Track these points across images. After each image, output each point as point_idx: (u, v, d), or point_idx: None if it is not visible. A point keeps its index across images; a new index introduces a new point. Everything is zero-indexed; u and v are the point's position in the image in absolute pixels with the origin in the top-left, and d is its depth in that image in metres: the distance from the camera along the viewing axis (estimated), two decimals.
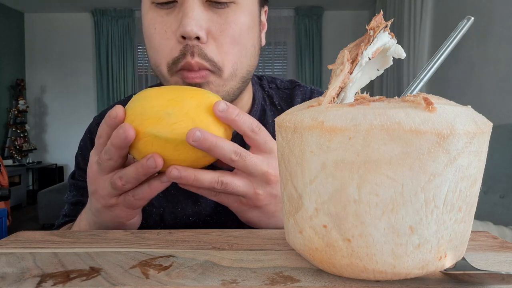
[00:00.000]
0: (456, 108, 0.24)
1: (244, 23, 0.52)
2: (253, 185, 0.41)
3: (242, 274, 0.27)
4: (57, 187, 3.81)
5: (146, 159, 0.36)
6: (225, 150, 0.37)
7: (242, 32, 0.52)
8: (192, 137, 0.35)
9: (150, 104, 0.36)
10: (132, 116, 0.36)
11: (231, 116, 0.38)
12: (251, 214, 0.44)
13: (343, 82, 0.28)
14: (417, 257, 0.23)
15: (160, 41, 0.51)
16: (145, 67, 5.29)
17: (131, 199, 0.41)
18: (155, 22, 0.51)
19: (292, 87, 0.70)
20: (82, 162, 0.65)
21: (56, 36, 5.23)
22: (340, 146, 0.23)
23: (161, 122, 0.36)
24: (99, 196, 0.42)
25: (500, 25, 2.34)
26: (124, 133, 0.35)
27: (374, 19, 0.29)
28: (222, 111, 0.37)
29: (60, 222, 0.64)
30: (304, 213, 0.25)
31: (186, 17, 0.48)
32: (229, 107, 0.37)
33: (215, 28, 0.50)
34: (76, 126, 5.16)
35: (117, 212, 0.43)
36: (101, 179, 0.41)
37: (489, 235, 0.38)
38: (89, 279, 0.26)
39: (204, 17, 0.49)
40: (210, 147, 0.36)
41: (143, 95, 0.38)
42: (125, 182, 0.39)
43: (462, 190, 0.23)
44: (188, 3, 0.48)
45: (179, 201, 0.59)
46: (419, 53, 3.21)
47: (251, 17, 0.53)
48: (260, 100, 0.66)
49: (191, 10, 0.48)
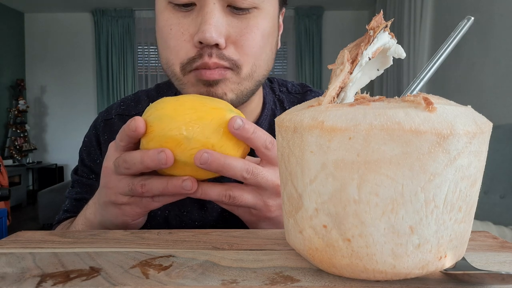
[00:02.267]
0: (456, 108, 0.24)
1: (265, 28, 0.50)
2: (263, 198, 0.41)
3: (242, 274, 0.27)
4: (57, 187, 3.81)
5: (182, 180, 0.37)
6: (236, 169, 0.37)
7: (262, 38, 0.50)
8: (200, 160, 0.35)
9: (169, 126, 0.36)
10: (152, 135, 0.36)
11: (247, 134, 0.37)
12: (262, 224, 0.44)
13: (343, 82, 0.28)
14: (417, 257, 0.23)
15: (176, 42, 0.49)
16: (145, 67, 5.29)
17: (149, 202, 0.41)
18: (171, 23, 0.49)
19: (304, 91, 0.69)
20: (87, 158, 0.64)
21: (56, 36, 5.23)
22: (340, 146, 0.23)
23: (181, 146, 0.36)
24: (111, 192, 0.42)
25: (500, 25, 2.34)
26: (162, 161, 0.35)
27: (374, 19, 0.29)
28: (237, 128, 0.36)
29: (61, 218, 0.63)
30: (304, 213, 0.25)
31: (205, 23, 0.46)
32: (245, 124, 0.37)
33: (235, 33, 0.49)
34: (76, 126, 5.16)
35: (126, 210, 0.42)
36: (116, 177, 0.41)
37: (489, 235, 0.38)
38: (89, 279, 0.26)
39: (224, 22, 0.48)
40: (218, 168, 0.36)
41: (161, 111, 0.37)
42: (147, 191, 0.39)
43: (462, 190, 0.23)
44: (208, 7, 0.47)
45: (185, 204, 0.59)
46: (419, 53, 3.21)
47: (271, 22, 0.52)
48: (271, 104, 0.65)
49: (211, 17, 0.46)
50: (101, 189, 0.44)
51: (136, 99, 0.67)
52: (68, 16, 5.22)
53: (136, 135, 0.37)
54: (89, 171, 0.64)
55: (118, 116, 0.64)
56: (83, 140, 0.67)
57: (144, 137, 0.37)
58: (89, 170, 0.64)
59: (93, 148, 0.64)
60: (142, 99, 0.66)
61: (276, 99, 0.67)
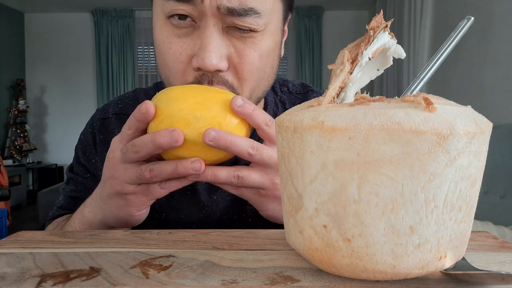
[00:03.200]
0: (456, 108, 0.24)
1: (265, 49, 0.49)
2: (270, 176, 0.42)
3: (242, 274, 0.27)
4: (57, 187, 3.80)
5: (191, 161, 0.38)
6: (242, 146, 0.39)
7: (261, 58, 0.49)
8: (208, 137, 0.37)
9: (179, 107, 0.38)
10: (161, 117, 0.38)
11: (248, 111, 0.39)
12: (271, 206, 0.44)
13: (343, 82, 0.28)
14: (417, 257, 0.23)
15: (173, 64, 0.49)
16: (145, 67, 5.29)
17: (156, 189, 0.42)
18: (170, 41, 0.48)
19: (305, 92, 0.68)
20: (82, 157, 0.64)
21: (56, 36, 5.23)
22: (340, 146, 0.23)
23: (190, 126, 0.37)
24: (116, 182, 0.42)
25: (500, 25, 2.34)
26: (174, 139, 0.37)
27: (374, 19, 0.29)
28: (239, 106, 0.39)
29: (55, 214, 0.63)
30: (304, 213, 0.25)
31: (205, 50, 0.45)
32: (246, 102, 0.39)
33: (234, 55, 0.48)
34: (76, 126, 5.16)
35: (132, 200, 0.42)
36: (122, 166, 0.41)
37: (489, 235, 0.38)
38: (89, 279, 0.26)
39: (224, 44, 0.46)
40: (226, 145, 0.38)
41: (169, 95, 0.39)
42: (155, 176, 0.40)
43: (462, 190, 0.23)
44: (208, 30, 0.45)
45: (183, 208, 0.58)
46: (419, 53, 3.21)
47: (273, 40, 0.51)
48: (272, 105, 0.65)
49: (211, 41, 0.45)
50: (104, 182, 0.44)
51: (135, 97, 0.66)
52: (68, 16, 5.22)
53: (146, 118, 0.38)
54: (84, 170, 0.64)
55: (115, 116, 0.64)
56: (79, 137, 0.66)
57: (152, 121, 0.39)
58: (84, 169, 0.64)
59: (89, 146, 0.64)
60: (141, 98, 0.66)
61: (278, 100, 0.66)
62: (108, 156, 0.43)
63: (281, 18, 0.52)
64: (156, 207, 0.59)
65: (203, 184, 0.59)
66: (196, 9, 0.45)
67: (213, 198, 0.59)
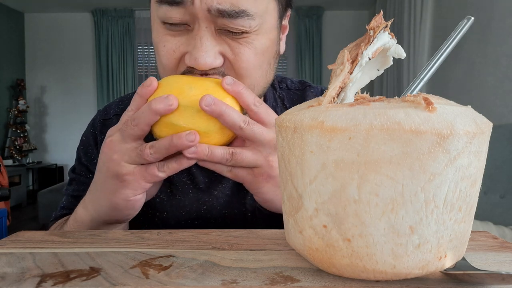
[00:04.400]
0: (456, 108, 0.24)
1: (259, 47, 0.49)
2: (263, 154, 0.43)
3: (242, 274, 0.27)
4: (57, 187, 3.80)
5: (186, 133, 0.40)
6: (235, 117, 0.40)
7: (257, 56, 0.49)
8: (204, 102, 0.39)
9: (175, 80, 0.43)
10: (159, 89, 0.42)
11: (237, 88, 0.41)
12: (266, 188, 0.45)
13: (343, 82, 0.28)
14: (417, 257, 0.23)
15: (167, 61, 0.49)
16: (145, 67, 5.29)
17: (154, 170, 0.42)
18: (165, 40, 0.49)
19: (303, 88, 0.69)
20: (84, 157, 0.64)
21: (56, 36, 5.23)
22: (340, 146, 0.23)
23: (183, 93, 0.41)
24: (114, 163, 0.42)
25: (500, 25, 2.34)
26: (169, 102, 0.39)
27: (374, 19, 0.29)
28: (229, 84, 0.41)
29: (58, 214, 0.63)
30: (304, 213, 0.25)
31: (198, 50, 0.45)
32: (235, 81, 0.42)
33: (228, 53, 0.48)
34: (76, 126, 5.16)
35: (128, 181, 0.42)
36: (120, 146, 0.42)
37: (489, 235, 0.38)
38: (89, 279, 0.26)
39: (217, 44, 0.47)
40: (220, 113, 0.39)
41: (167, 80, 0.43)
42: (154, 152, 0.40)
43: (462, 190, 0.23)
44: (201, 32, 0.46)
45: (184, 205, 0.59)
46: (419, 53, 3.21)
47: (268, 38, 0.50)
48: (271, 101, 0.65)
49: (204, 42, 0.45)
50: (100, 168, 0.44)
51: None
52: (68, 16, 5.22)
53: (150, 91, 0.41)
54: (86, 170, 0.64)
55: (116, 117, 0.64)
56: (80, 138, 0.67)
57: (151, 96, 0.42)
58: (86, 169, 0.64)
59: (91, 147, 0.64)
60: None
61: (277, 96, 0.67)
62: (105, 141, 0.44)
63: (277, 16, 0.52)
64: (157, 205, 0.59)
65: (204, 181, 0.59)
66: (188, 13, 0.45)
67: (213, 193, 0.59)
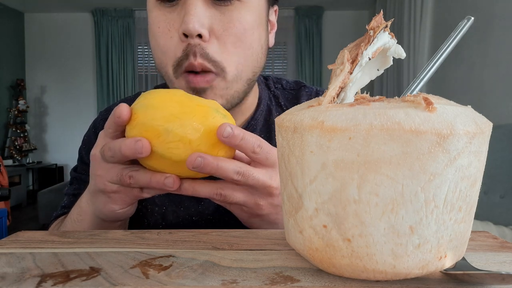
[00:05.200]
0: (456, 108, 0.24)
1: (248, 21, 0.51)
2: (255, 197, 0.41)
3: (242, 274, 0.27)
4: (57, 187, 3.81)
5: (165, 177, 0.37)
6: (228, 171, 0.37)
7: (246, 31, 0.51)
8: (193, 164, 0.35)
9: (153, 116, 0.35)
10: (134, 122, 0.36)
11: (236, 141, 0.37)
12: (253, 220, 0.44)
13: (343, 82, 0.28)
14: (417, 257, 0.23)
15: (165, 41, 0.51)
16: (145, 67, 5.29)
17: (137, 191, 0.41)
18: (159, 21, 0.51)
19: (298, 87, 0.69)
20: (86, 156, 0.65)
21: (56, 36, 5.23)
22: (340, 146, 0.23)
23: (159, 138, 0.35)
24: (99, 180, 0.42)
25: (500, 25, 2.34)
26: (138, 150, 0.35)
27: (374, 19, 0.29)
28: (227, 136, 0.36)
29: (58, 213, 0.63)
30: (304, 213, 0.25)
31: (187, 15, 0.47)
32: (234, 130, 0.36)
33: (218, 26, 0.49)
34: (76, 126, 5.16)
35: (115, 198, 0.42)
36: (104, 165, 0.41)
37: (489, 235, 0.38)
38: (89, 279, 0.26)
39: (207, 14, 0.49)
40: (211, 171, 0.36)
41: (149, 101, 0.37)
42: (134, 182, 0.39)
43: (462, 190, 0.23)
44: (190, 0, 0.48)
45: (182, 200, 0.59)
46: (419, 53, 3.21)
47: (257, 15, 0.52)
48: (266, 100, 0.65)
49: (193, 8, 0.47)
50: (91, 177, 0.44)
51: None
52: (68, 16, 5.22)
53: (120, 122, 0.37)
54: (88, 168, 0.64)
55: None
56: (82, 139, 0.67)
57: (128, 124, 0.37)
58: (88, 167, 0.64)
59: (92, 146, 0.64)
60: None
61: (271, 95, 0.67)
62: (92, 151, 0.43)
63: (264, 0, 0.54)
64: (156, 201, 0.59)
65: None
66: None
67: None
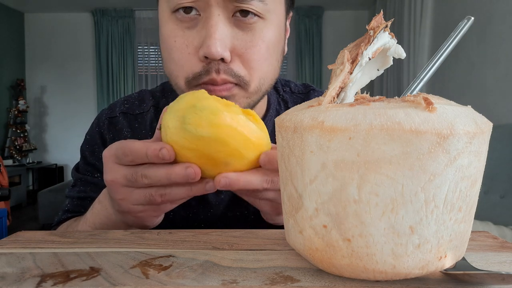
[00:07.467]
0: (456, 108, 0.24)
1: (270, 39, 0.50)
2: None
3: (242, 274, 0.27)
4: (57, 187, 3.81)
5: (206, 182, 0.38)
6: (256, 185, 0.37)
7: (268, 49, 0.50)
8: (219, 185, 0.36)
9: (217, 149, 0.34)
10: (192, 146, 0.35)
11: None
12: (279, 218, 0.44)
13: (343, 82, 0.28)
14: (417, 257, 0.23)
15: (180, 56, 0.49)
16: (145, 67, 5.29)
17: (166, 205, 0.41)
18: (175, 35, 0.49)
19: (307, 91, 0.69)
20: (91, 156, 0.63)
21: (56, 36, 5.23)
22: (340, 146, 0.22)
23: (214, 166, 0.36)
24: (123, 203, 0.40)
25: (500, 25, 2.34)
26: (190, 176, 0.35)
27: (374, 19, 0.29)
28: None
29: (61, 218, 0.61)
30: (304, 213, 0.25)
31: (210, 38, 0.45)
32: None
33: (240, 46, 0.48)
34: (76, 126, 5.16)
35: (141, 216, 0.41)
36: (127, 189, 0.39)
37: (489, 235, 0.38)
38: (89, 279, 0.26)
39: (229, 34, 0.47)
40: (240, 188, 0.37)
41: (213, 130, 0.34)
42: (168, 200, 0.38)
43: (462, 190, 0.23)
44: (213, 20, 0.46)
45: (191, 206, 0.58)
46: (419, 53, 3.21)
47: (278, 31, 0.51)
48: (275, 104, 0.65)
49: (216, 30, 0.46)
50: (112, 199, 0.42)
51: (140, 98, 0.66)
52: (68, 16, 5.22)
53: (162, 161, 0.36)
54: (93, 169, 0.63)
55: (122, 114, 0.63)
56: (84, 137, 0.65)
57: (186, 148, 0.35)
58: (94, 169, 0.63)
59: (97, 146, 0.63)
60: (147, 98, 0.65)
61: (280, 99, 0.67)
62: (106, 177, 0.40)
63: (284, 12, 0.53)
64: None
65: None
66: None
67: (220, 197, 0.59)
